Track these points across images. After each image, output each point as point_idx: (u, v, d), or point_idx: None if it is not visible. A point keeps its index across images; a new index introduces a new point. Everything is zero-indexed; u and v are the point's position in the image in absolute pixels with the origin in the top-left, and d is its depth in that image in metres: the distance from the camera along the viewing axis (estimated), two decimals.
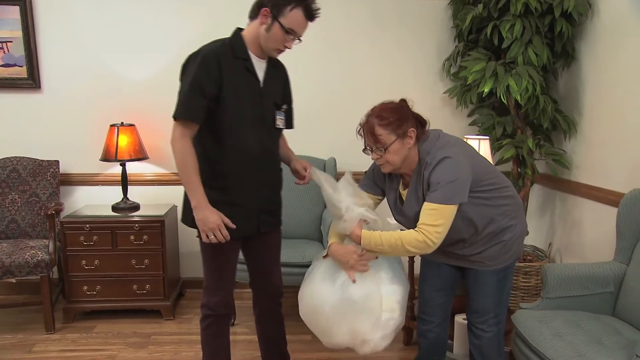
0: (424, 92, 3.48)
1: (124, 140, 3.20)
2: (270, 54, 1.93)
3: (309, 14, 1.85)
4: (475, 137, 2.82)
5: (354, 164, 3.53)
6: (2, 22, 3.27)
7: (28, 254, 2.91)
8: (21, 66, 3.33)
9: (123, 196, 3.31)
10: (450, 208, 1.75)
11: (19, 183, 3.25)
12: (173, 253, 3.37)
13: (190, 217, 1.92)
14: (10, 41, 3.31)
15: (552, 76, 3.26)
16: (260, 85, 1.94)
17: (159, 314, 3.19)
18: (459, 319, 2.47)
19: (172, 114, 1.83)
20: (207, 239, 1.84)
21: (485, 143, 2.81)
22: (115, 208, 3.27)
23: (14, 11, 3.26)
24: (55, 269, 3.14)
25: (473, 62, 2.99)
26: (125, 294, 3.15)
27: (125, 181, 3.30)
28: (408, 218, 1.90)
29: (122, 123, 3.25)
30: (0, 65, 3.32)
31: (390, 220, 1.93)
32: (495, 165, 2.56)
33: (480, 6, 2.94)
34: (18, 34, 3.29)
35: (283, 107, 2.05)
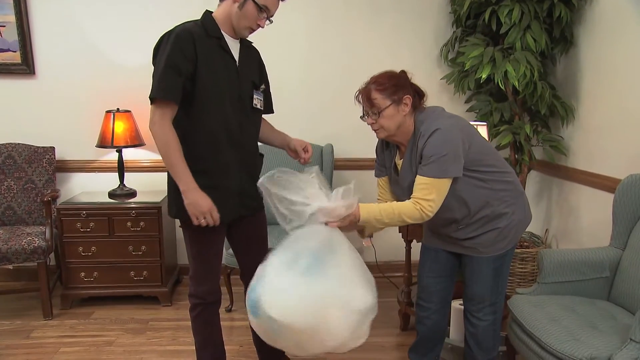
0: (421, 78, 3.35)
1: (120, 127, 3.17)
2: (242, 34, 1.90)
3: None
4: (473, 124, 2.80)
5: (351, 150, 3.54)
6: None
7: (25, 240, 2.90)
8: (15, 51, 3.29)
9: (119, 183, 3.30)
10: (443, 182, 1.77)
11: (14, 170, 3.24)
12: (170, 239, 3.37)
13: (174, 208, 1.90)
14: (3, 25, 3.26)
15: (550, 62, 3.25)
16: (236, 64, 1.92)
17: (157, 300, 3.20)
18: (456, 304, 2.49)
19: (149, 95, 1.77)
20: (198, 222, 1.81)
21: (482, 129, 2.80)
22: (111, 195, 3.26)
23: None
24: (52, 255, 3.14)
25: (471, 48, 2.97)
26: (122, 281, 3.15)
27: (121, 168, 3.29)
28: (402, 188, 1.91)
29: (118, 109, 3.22)
30: None
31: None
32: None
33: None
34: (11, 18, 3.24)
35: (261, 87, 2.02)
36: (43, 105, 3.39)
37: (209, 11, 1.91)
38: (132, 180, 3.40)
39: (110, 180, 3.38)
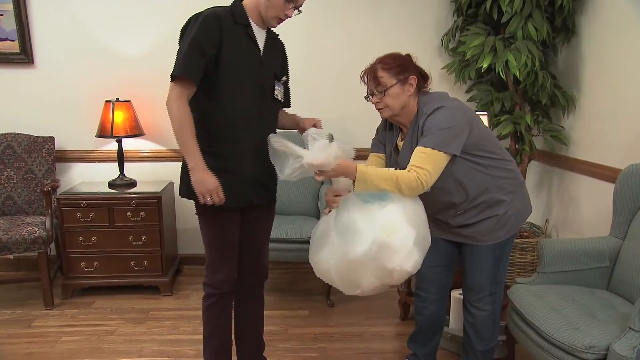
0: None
1: (119, 117, 3.16)
2: (270, 24, 1.92)
3: None
4: None
5: (351, 140, 3.51)
6: None
7: (25, 230, 2.90)
8: (13, 40, 3.27)
9: (119, 173, 3.30)
10: (441, 155, 1.76)
11: (14, 159, 3.23)
12: (170, 229, 3.37)
13: (185, 187, 1.91)
14: (1, 14, 3.24)
15: (552, 51, 3.23)
16: (261, 53, 1.93)
17: (157, 290, 3.21)
18: (455, 294, 2.49)
19: (171, 73, 1.80)
20: (203, 201, 1.82)
21: (483, 119, 2.79)
22: (111, 185, 3.26)
23: None
24: (52, 245, 3.14)
25: (472, 37, 2.96)
26: (123, 270, 3.16)
27: (121, 158, 3.29)
28: (402, 169, 1.89)
29: (118, 99, 3.21)
30: None
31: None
32: None
33: None
34: (9, 7, 3.22)
35: (282, 79, 2.04)
36: (42, 95, 3.37)
37: None
38: (132, 170, 3.40)
39: (110, 170, 3.37)
